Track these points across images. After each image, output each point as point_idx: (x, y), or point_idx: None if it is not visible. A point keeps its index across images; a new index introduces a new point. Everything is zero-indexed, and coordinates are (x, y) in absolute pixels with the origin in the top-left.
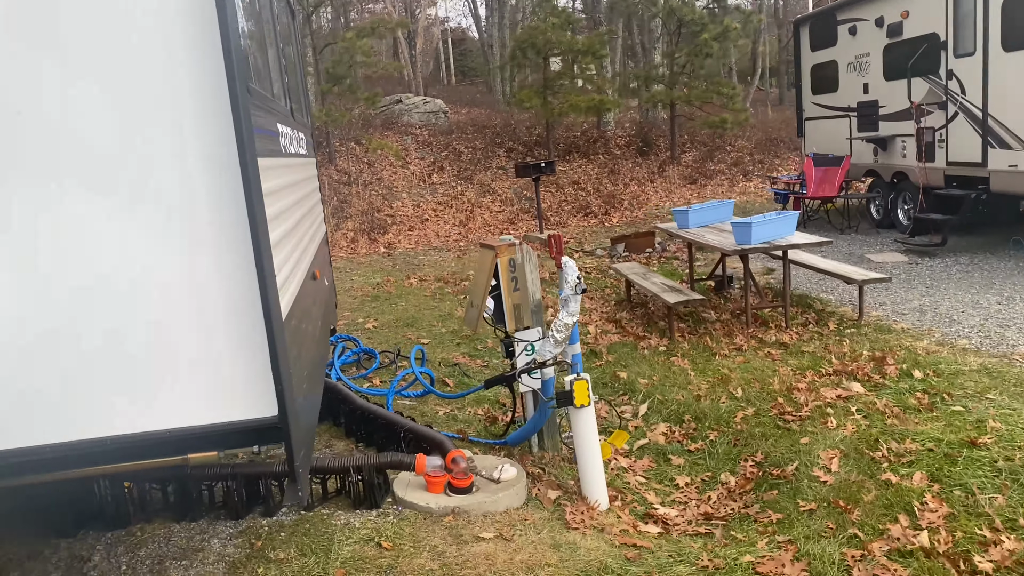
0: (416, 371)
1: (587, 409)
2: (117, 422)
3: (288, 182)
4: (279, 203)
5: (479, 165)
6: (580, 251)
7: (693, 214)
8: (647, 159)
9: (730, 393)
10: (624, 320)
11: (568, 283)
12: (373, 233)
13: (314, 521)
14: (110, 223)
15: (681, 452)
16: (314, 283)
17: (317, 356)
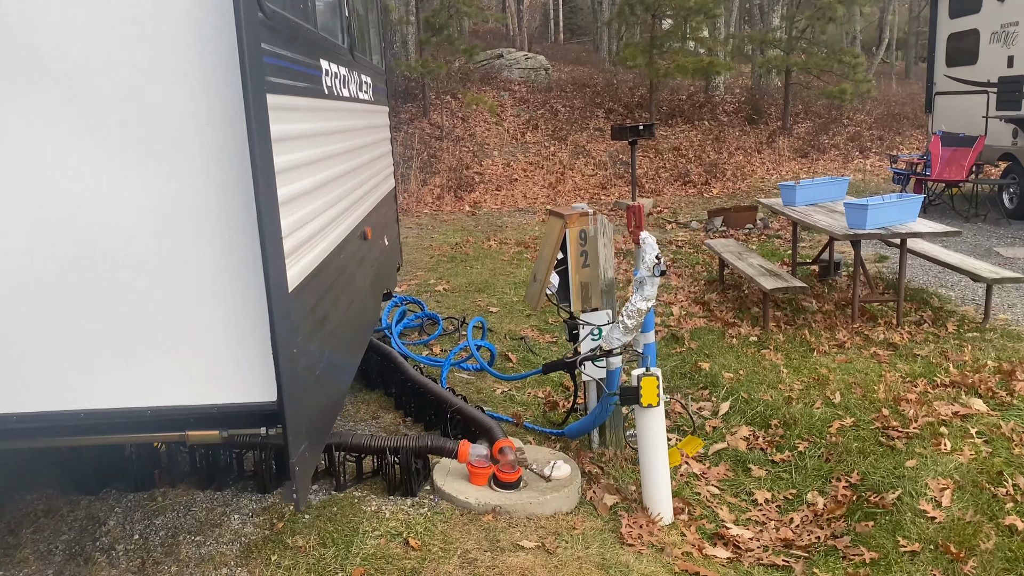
0: (472, 345)
1: (655, 410)
2: (99, 395)
3: (329, 128)
4: (303, 152)
5: (575, 125)
6: (674, 222)
7: (802, 190)
8: (756, 128)
9: (827, 398)
10: (713, 303)
11: (645, 263)
12: (460, 191)
13: (343, 505)
14: (91, 166)
15: (763, 462)
16: (363, 244)
17: (353, 328)
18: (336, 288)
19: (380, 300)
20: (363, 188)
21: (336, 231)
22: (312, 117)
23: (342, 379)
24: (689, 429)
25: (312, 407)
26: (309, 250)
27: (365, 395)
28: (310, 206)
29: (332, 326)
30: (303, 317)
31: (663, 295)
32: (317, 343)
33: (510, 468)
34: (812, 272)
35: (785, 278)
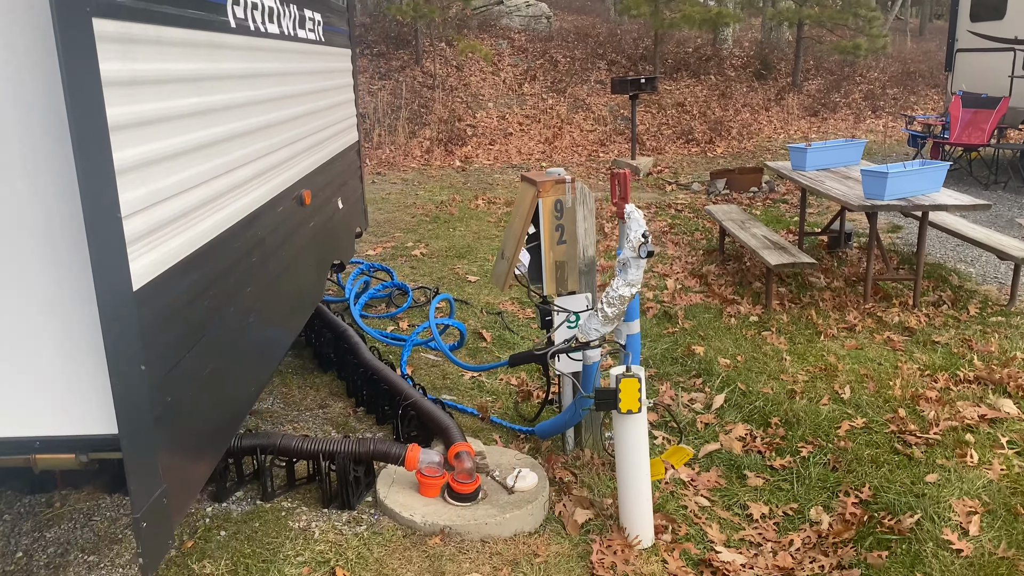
0: (433, 326)
1: (635, 417)
2: None
3: (234, 71)
4: (169, 101)
5: (575, 77)
6: (674, 183)
7: (813, 154)
8: (764, 84)
9: (834, 392)
10: (712, 276)
11: (630, 241)
12: (450, 144)
13: (267, 519)
14: None
15: (761, 468)
16: (297, 211)
17: (271, 318)
18: (237, 274)
19: (325, 274)
20: (298, 145)
21: (241, 200)
22: (197, 56)
23: (243, 390)
24: (679, 426)
25: (178, 440)
26: (178, 231)
27: (316, 378)
28: (182, 172)
29: (228, 325)
30: (163, 322)
31: (657, 265)
32: (196, 351)
33: (467, 477)
34: (821, 243)
35: (791, 251)
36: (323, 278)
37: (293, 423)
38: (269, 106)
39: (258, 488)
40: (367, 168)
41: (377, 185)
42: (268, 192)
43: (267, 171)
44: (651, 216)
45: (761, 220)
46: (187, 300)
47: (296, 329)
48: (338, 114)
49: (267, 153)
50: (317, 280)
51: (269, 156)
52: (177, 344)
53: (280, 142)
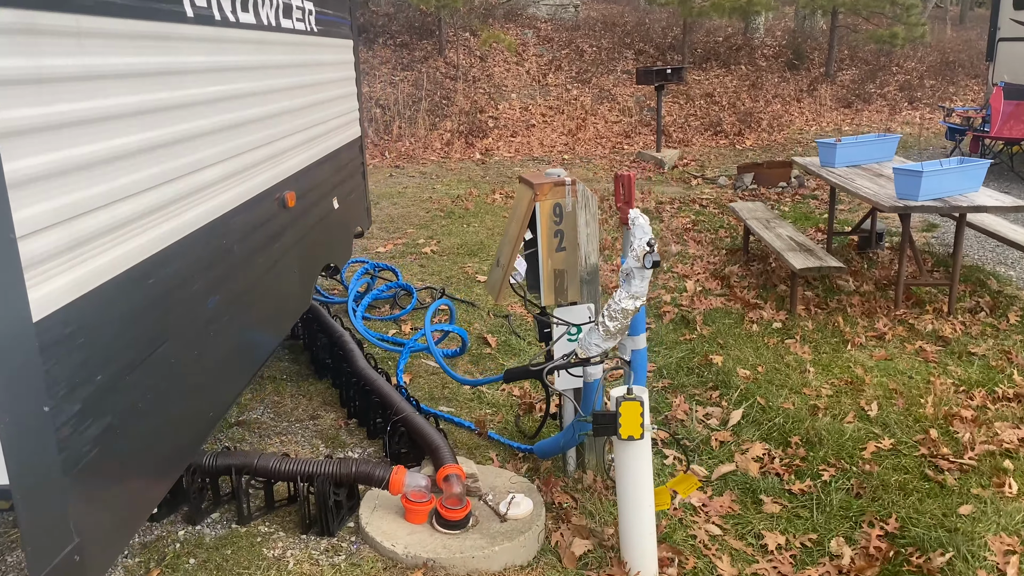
0: (428, 334)
1: (638, 444)
2: None
3: (191, 65)
4: (103, 100)
5: (601, 67)
6: (700, 177)
7: (843, 150)
8: (796, 74)
9: (860, 409)
10: (734, 277)
11: (634, 250)
12: (471, 136)
13: (241, 545)
14: None
15: (779, 492)
16: (277, 215)
17: (235, 339)
18: (192, 291)
19: (313, 280)
20: (279, 144)
21: (199, 207)
22: (136, 49)
23: (196, 419)
24: (691, 444)
25: (101, 486)
26: (104, 249)
27: (310, 385)
28: (112, 181)
29: (177, 349)
30: (80, 356)
31: (677, 265)
32: (131, 384)
33: (456, 502)
34: (850, 242)
35: (818, 254)
36: (310, 284)
37: (281, 436)
38: (238, 103)
39: (236, 509)
40: (385, 162)
41: (395, 179)
42: (237, 196)
43: (236, 173)
44: (674, 212)
45: (789, 217)
46: (119, 327)
47: (272, 343)
48: (334, 109)
49: (236, 154)
50: (302, 287)
51: (239, 157)
52: (103, 379)
53: (254, 141)
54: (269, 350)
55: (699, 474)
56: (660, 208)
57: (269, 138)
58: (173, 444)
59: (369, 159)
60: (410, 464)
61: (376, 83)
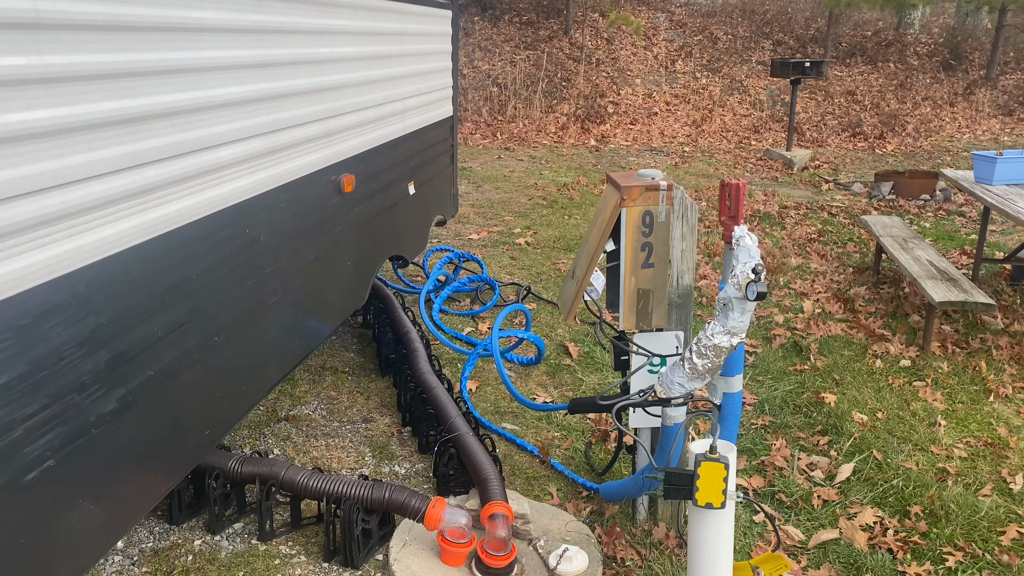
0: (495, 344)
1: (717, 513)
2: None
3: (209, 21)
4: (69, 56)
5: (735, 57)
6: (832, 182)
7: (1004, 165)
8: (952, 76)
9: (1001, 480)
10: (860, 301)
11: (736, 276)
12: (588, 121)
13: (255, 566)
14: None
15: (889, 573)
16: (336, 199)
17: (250, 353)
18: (194, 291)
19: (373, 272)
20: (334, 122)
21: (204, 193)
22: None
23: (190, 439)
24: (789, 499)
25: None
26: (50, 240)
27: (371, 383)
28: (93, 152)
29: (168, 355)
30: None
31: (796, 281)
32: (98, 388)
33: (500, 547)
34: (1001, 271)
35: (963, 285)
36: (368, 278)
37: (328, 438)
38: (275, 72)
39: (259, 524)
40: (496, 142)
41: (502, 161)
42: (269, 180)
43: (265, 154)
44: (799, 218)
45: (930, 235)
46: (103, 316)
47: (304, 347)
48: (417, 85)
49: (263, 132)
50: (356, 282)
51: (269, 136)
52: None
53: (295, 118)
54: (300, 356)
55: (794, 537)
56: (783, 213)
57: (317, 115)
58: (164, 456)
59: (480, 139)
60: (458, 491)
61: (496, 61)
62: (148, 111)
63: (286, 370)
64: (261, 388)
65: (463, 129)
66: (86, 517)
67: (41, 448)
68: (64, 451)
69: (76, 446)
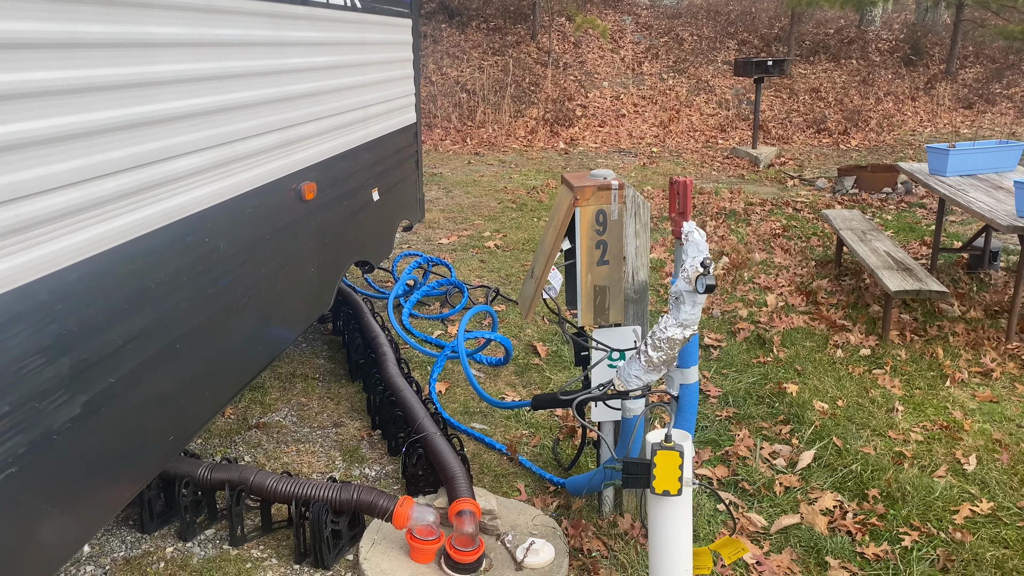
0: (461, 345)
1: (674, 501)
2: None
3: (167, 37)
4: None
5: (701, 57)
6: (797, 177)
7: (956, 157)
8: (913, 71)
9: (955, 461)
10: (822, 293)
11: (686, 270)
12: (557, 125)
13: (227, 571)
14: None
15: (849, 555)
16: (296, 207)
17: (206, 364)
18: (147, 294)
19: (337, 278)
20: (297, 130)
21: (162, 203)
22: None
23: (149, 447)
24: (752, 486)
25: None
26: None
27: (341, 388)
28: (61, 163)
29: (125, 363)
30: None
31: (760, 276)
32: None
33: (467, 543)
34: (959, 260)
35: (918, 275)
36: (333, 284)
37: (299, 444)
38: (232, 83)
39: (230, 529)
40: (466, 148)
41: (472, 166)
42: (228, 189)
43: (223, 164)
44: (764, 215)
45: (892, 227)
46: (63, 325)
47: (267, 355)
48: (379, 93)
49: (220, 143)
50: (320, 288)
51: (227, 146)
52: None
53: (251, 128)
54: (264, 361)
55: (756, 523)
56: (749, 210)
57: (276, 124)
58: (127, 463)
59: (450, 145)
60: (427, 490)
61: (465, 67)
62: (102, 125)
63: (251, 375)
64: (225, 394)
65: (433, 135)
66: (51, 523)
67: (2, 455)
68: (25, 459)
69: (37, 454)
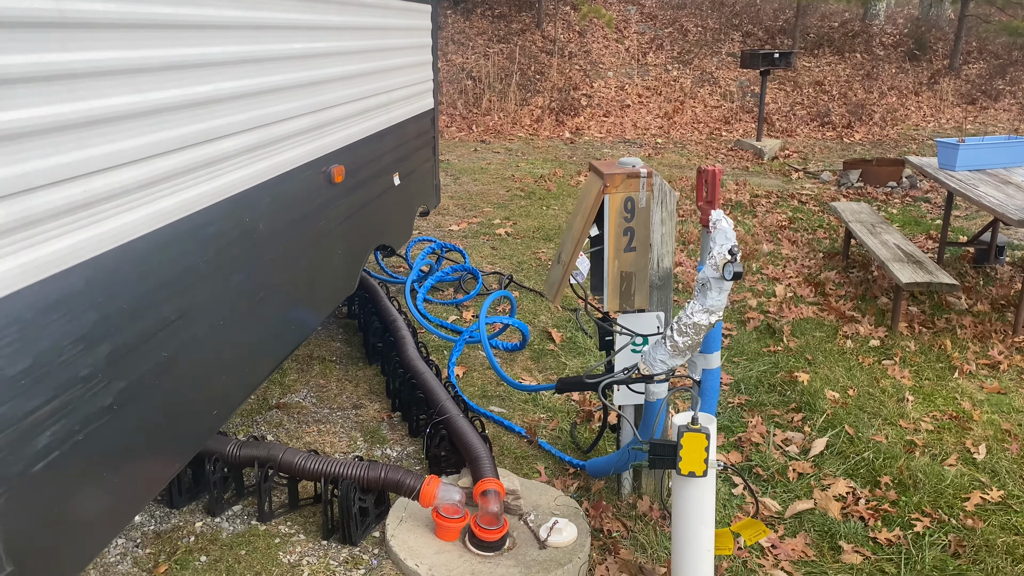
0: (482, 324)
1: (699, 481)
2: None
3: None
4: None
5: (705, 49)
6: (801, 170)
7: (965, 152)
8: (916, 66)
9: (965, 450)
10: (830, 285)
11: (713, 258)
12: (562, 114)
13: (256, 545)
14: None
15: (862, 539)
16: (326, 190)
17: (245, 342)
18: (189, 284)
19: (362, 262)
20: (326, 114)
21: (206, 184)
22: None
23: (186, 430)
24: (766, 472)
25: (39, 512)
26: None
27: (359, 371)
28: (86, 149)
29: (164, 346)
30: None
31: (768, 267)
32: (93, 384)
33: (492, 521)
34: (965, 254)
35: (928, 267)
36: (358, 266)
37: (319, 424)
38: (268, 67)
39: (258, 505)
40: (472, 135)
41: (479, 154)
42: (265, 171)
43: (262, 146)
44: (770, 207)
45: (897, 221)
46: (96, 310)
47: (298, 335)
48: (401, 78)
49: (260, 125)
50: (347, 270)
51: (265, 128)
52: (61, 372)
53: (287, 111)
54: (295, 341)
55: (771, 508)
56: (755, 202)
57: (309, 108)
58: (167, 442)
59: (456, 132)
60: (449, 471)
61: (470, 54)
62: (156, 105)
63: (283, 355)
64: (260, 374)
65: (438, 122)
66: (96, 502)
67: (48, 439)
68: (70, 441)
69: (82, 436)
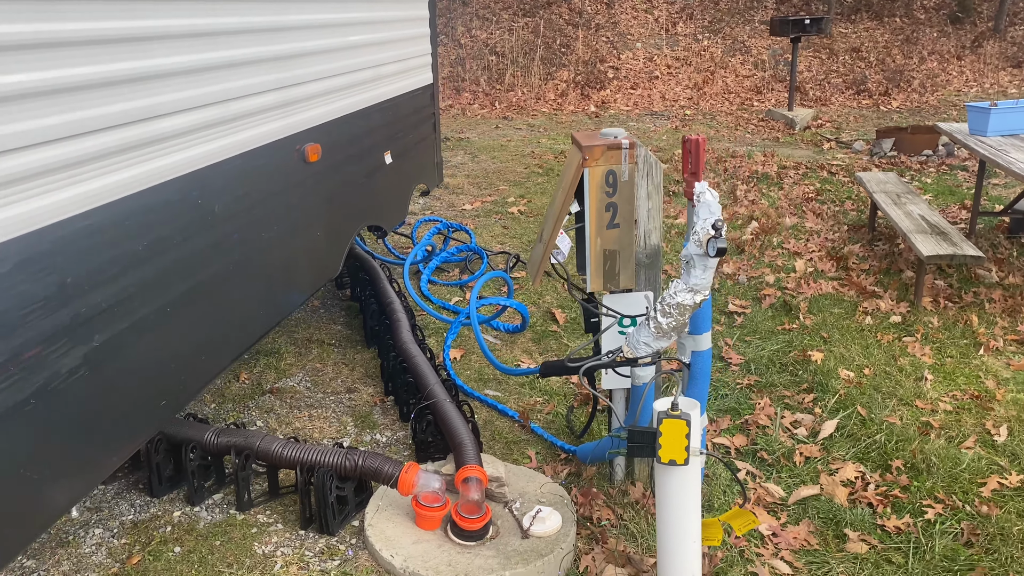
0: (474, 312)
1: (681, 470)
2: None
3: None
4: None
5: (737, 17)
6: (834, 140)
7: (997, 116)
8: (959, 29)
9: (985, 432)
10: (854, 259)
11: (696, 233)
12: (588, 87)
13: (233, 536)
14: None
15: (869, 527)
16: (299, 169)
17: (197, 331)
18: (136, 256)
19: (346, 242)
20: (298, 90)
21: (156, 160)
22: None
23: (143, 409)
24: (771, 456)
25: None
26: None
27: (356, 354)
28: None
29: (118, 330)
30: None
31: (789, 240)
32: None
33: (473, 510)
34: (1000, 224)
35: (953, 239)
36: (341, 247)
37: (311, 409)
38: (218, 40)
39: (236, 494)
40: (494, 112)
41: (500, 131)
42: (224, 149)
43: (216, 124)
44: (797, 178)
45: (931, 191)
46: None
47: (270, 319)
48: (391, 52)
49: (211, 102)
50: (328, 252)
51: (218, 106)
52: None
53: (253, 85)
54: (269, 324)
55: (774, 494)
56: (782, 173)
57: (275, 83)
58: (120, 424)
59: (478, 109)
60: (436, 456)
61: (494, 29)
62: (78, 82)
63: (252, 339)
64: (223, 357)
65: (461, 100)
66: (48, 475)
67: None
68: (22, 411)
69: (31, 407)
